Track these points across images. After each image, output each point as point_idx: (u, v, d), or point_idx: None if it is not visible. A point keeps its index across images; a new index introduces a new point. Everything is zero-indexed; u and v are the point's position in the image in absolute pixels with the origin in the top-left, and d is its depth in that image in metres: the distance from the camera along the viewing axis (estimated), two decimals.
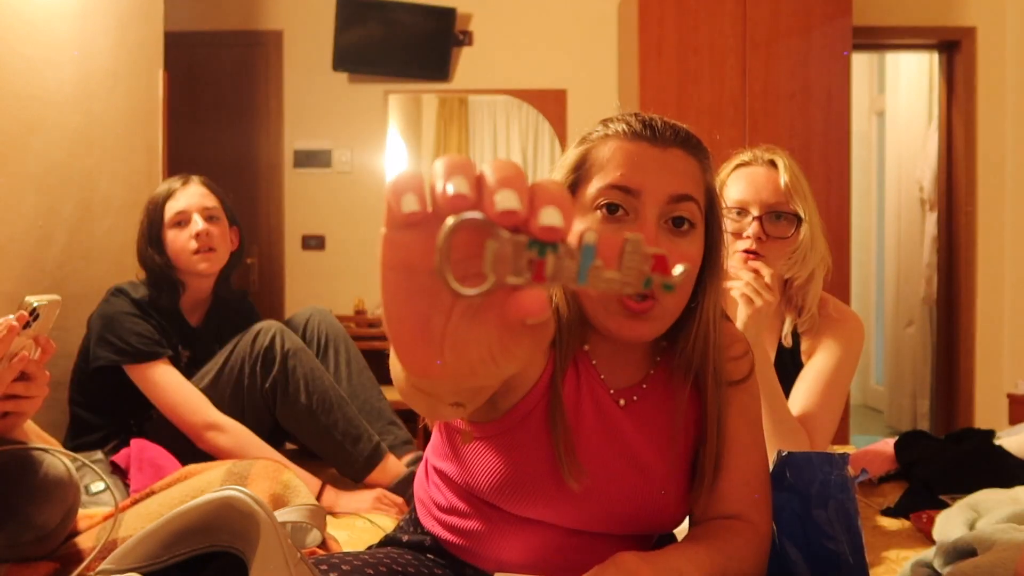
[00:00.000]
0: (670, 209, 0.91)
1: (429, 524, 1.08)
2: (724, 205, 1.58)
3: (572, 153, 0.98)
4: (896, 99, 5.26)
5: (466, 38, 4.21)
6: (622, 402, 1.01)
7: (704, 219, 0.95)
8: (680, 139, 0.94)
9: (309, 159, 4.25)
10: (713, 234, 0.97)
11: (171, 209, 2.02)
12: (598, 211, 0.92)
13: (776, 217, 1.56)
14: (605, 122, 0.98)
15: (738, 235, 1.56)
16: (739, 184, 1.58)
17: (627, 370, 1.02)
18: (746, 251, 1.54)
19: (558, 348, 0.97)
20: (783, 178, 1.56)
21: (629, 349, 1.01)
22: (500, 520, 1.00)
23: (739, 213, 1.57)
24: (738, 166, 1.62)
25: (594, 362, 1.01)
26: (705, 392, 1.01)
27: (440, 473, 1.06)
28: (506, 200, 0.38)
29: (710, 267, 0.97)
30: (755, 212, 1.55)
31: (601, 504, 0.97)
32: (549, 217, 0.38)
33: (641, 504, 0.98)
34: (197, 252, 2.01)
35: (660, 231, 0.90)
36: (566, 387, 0.98)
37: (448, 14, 4.12)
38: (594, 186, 0.93)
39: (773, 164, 1.59)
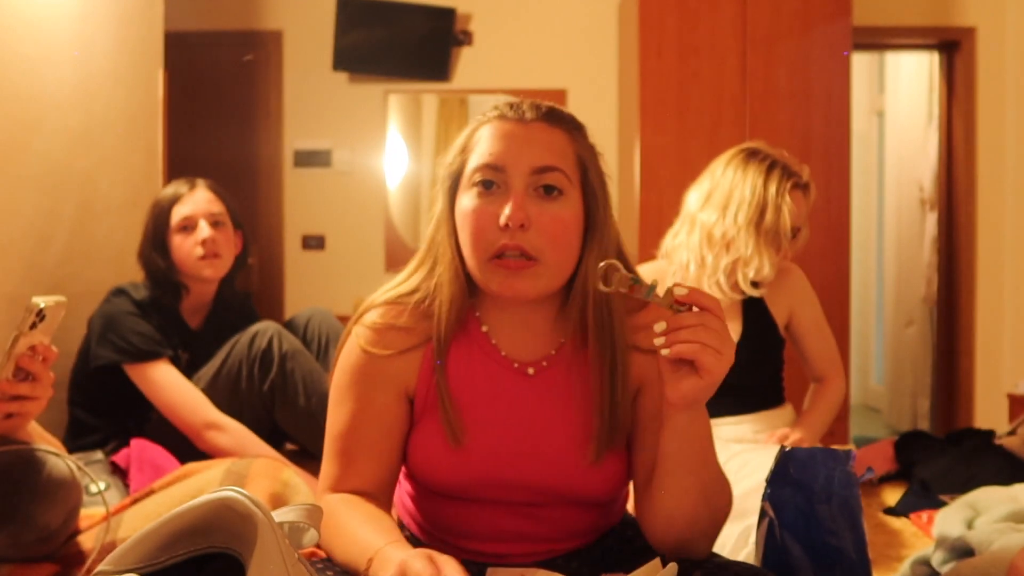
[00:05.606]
0: (536, 179, 1.01)
1: (407, 520, 1.14)
2: (787, 217, 1.83)
3: (459, 138, 1.09)
4: (896, 99, 5.26)
5: (466, 38, 4.21)
6: (531, 371, 1.06)
7: (580, 185, 1.04)
8: (542, 114, 1.04)
9: (309, 159, 4.24)
10: (592, 198, 1.05)
11: (177, 214, 2.02)
12: (475, 187, 1.02)
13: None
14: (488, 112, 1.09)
15: (786, 242, 1.85)
16: (800, 208, 1.86)
17: (534, 340, 1.08)
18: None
19: (437, 328, 1.04)
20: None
21: (529, 319, 1.07)
22: (448, 504, 1.07)
23: (796, 232, 1.87)
24: (801, 187, 1.87)
25: (485, 329, 1.07)
26: (607, 354, 1.04)
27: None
28: None
29: (592, 229, 1.04)
30: (805, 230, 1.90)
31: (510, 472, 1.03)
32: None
33: (548, 470, 1.03)
34: (203, 258, 2.02)
35: (529, 199, 1.00)
36: (454, 360, 1.05)
37: (448, 14, 4.12)
38: (470, 165, 1.04)
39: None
